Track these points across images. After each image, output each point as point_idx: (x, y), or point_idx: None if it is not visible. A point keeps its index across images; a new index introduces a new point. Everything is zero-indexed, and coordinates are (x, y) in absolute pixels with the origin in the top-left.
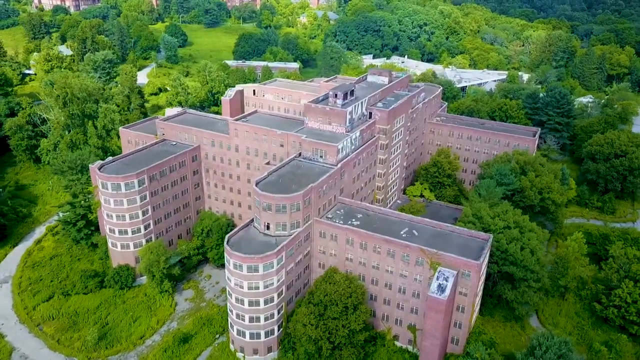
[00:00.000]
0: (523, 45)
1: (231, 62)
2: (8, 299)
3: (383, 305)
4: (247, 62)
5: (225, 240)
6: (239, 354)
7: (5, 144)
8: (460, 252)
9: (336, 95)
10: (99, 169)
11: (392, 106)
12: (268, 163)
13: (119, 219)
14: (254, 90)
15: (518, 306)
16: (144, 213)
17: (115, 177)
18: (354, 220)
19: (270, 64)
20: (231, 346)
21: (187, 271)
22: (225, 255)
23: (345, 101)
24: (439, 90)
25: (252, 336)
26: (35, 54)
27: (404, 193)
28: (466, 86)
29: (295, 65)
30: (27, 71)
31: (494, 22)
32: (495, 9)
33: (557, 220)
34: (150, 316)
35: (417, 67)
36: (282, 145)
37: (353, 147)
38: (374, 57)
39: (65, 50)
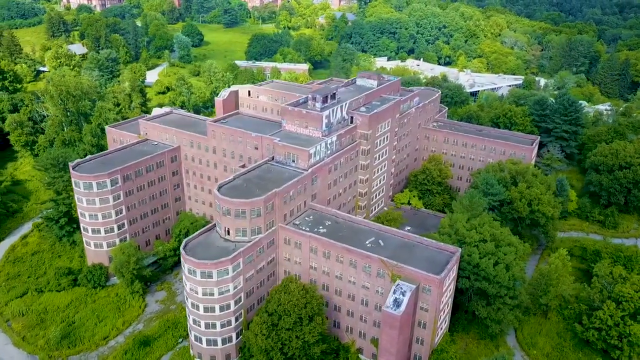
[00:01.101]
0: (543, 50)
1: (241, 63)
2: None
3: (347, 317)
4: (257, 63)
5: (183, 244)
6: (199, 359)
7: (7, 139)
8: (424, 265)
9: (315, 98)
10: (74, 168)
11: (375, 111)
12: (243, 166)
13: (92, 218)
14: (249, 92)
15: (491, 324)
16: (117, 213)
17: (86, 176)
18: (321, 227)
19: (279, 65)
20: (191, 351)
21: (163, 272)
22: (182, 259)
23: (325, 104)
24: (437, 94)
25: (208, 343)
26: (49, 51)
27: (393, 200)
28: (478, 91)
29: (305, 66)
30: (42, 68)
31: (515, 26)
32: (521, 12)
33: (548, 233)
34: (118, 317)
35: (432, 70)
36: (256, 148)
37: (329, 152)
38: (388, 60)
39: (79, 48)
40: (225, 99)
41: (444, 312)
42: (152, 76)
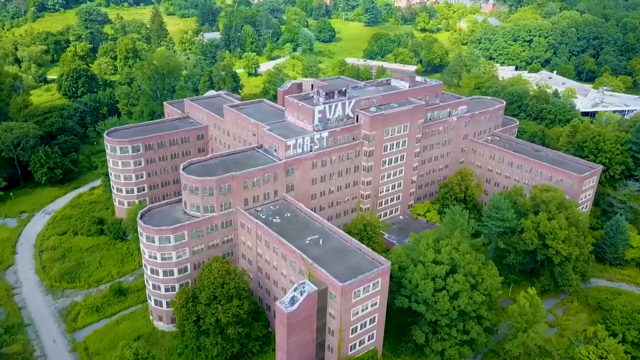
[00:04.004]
0: None
1: (351, 60)
2: (40, 226)
3: None
4: (368, 61)
5: (145, 208)
6: (150, 317)
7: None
8: (346, 271)
9: (319, 92)
10: (108, 133)
11: (382, 112)
12: None
13: (117, 178)
14: (312, 85)
15: (431, 353)
16: (137, 177)
17: (112, 140)
18: (277, 217)
19: (387, 65)
20: None
21: None
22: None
23: (329, 100)
24: (498, 106)
25: (156, 303)
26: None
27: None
28: (597, 112)
29: (413, 68)
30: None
31: None
32: None
33: (566, 276)
34: (117, 267)
35: (563, 85)
36: (254, 135)
37: (317, 147)
38: (516, 69)
39: (215, 36)
40: (287, 90)
41: (363, 324)
42: (270, 66)
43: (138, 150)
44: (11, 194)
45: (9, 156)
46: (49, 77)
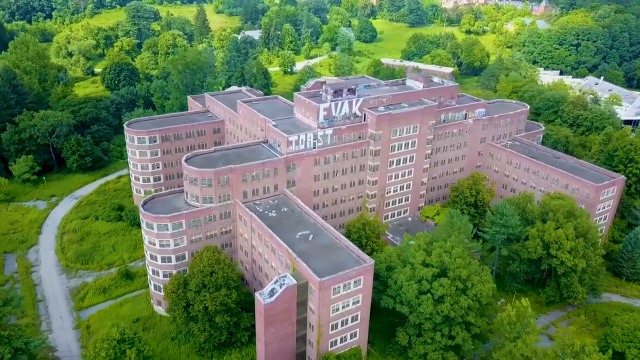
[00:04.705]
0: None
1: (387, 60)
2: (66, 210)
3: None
4: (404, 62)
5: (149, 197)
6: (151, 301)
7: None
8: (329, 267)
9: (326, 90)
10: (128, 124)
11: (389, 111)
12: None
13: (134, 167)
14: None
15: (413, 355)
16: (154, 166)
17: (130, 130)
18: (274, 211)
19: (423, 66)
20: None
21: None
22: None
23: (336, 98)
24: (520, 110)
25: (155, 287)
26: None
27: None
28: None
29: (449, 69)
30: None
31: None
32: None
33: (570, 287)
34: (129, 252)
35: (610, 91)
36: (262, 130)
37: (320, 144)
38: (561, 74)
39: (255, 34)
40: (310, 88)
41: (344, 321)
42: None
43: (155, 141)
44: (44, 178)
45: (44, 143)
46: (97, 70)
